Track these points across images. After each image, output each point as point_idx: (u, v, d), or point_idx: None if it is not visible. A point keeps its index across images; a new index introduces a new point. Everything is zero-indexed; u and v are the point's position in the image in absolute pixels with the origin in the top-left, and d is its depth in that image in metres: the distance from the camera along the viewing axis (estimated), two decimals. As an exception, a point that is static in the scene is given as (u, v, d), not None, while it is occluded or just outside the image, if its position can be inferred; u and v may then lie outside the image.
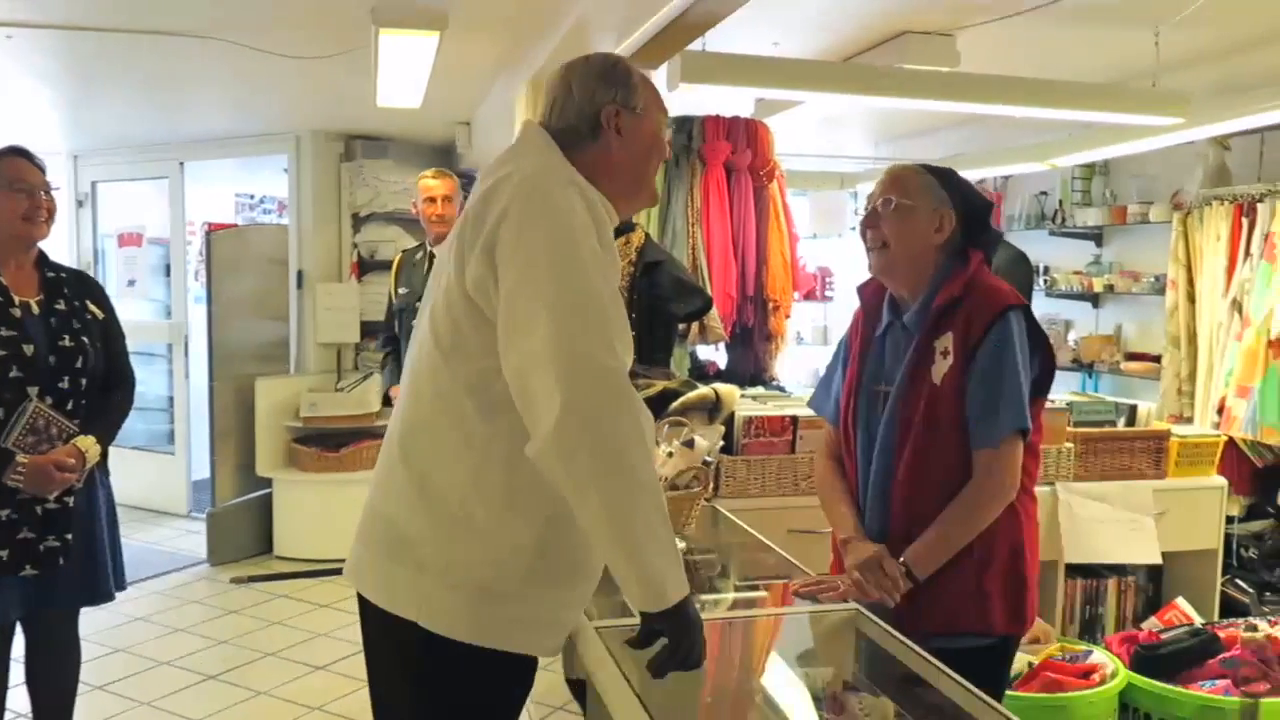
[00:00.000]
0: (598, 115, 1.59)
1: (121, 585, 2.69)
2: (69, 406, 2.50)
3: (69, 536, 2.48)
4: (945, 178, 2.04)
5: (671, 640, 1.40)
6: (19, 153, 2.53)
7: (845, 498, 2.13)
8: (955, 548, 1.93)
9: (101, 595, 2.61)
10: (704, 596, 2.07)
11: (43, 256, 2.59)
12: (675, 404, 2.61)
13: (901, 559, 1.94)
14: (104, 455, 2.60)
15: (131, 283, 6.65)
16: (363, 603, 1.61)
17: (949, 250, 2.02)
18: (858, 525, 2.07)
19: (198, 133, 6.00)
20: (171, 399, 6.49)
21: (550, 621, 1.55)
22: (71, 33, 3.76)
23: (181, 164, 6.29)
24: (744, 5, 2.52)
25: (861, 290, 2.20)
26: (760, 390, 3.65)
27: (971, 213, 2.04)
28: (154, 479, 6.30)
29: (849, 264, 7.16)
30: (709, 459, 2.33)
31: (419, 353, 1.58)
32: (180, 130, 5.94)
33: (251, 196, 7.79)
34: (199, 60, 4.12)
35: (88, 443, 2.49)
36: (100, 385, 2.60)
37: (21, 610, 2.50)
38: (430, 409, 1.53)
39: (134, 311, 6.36)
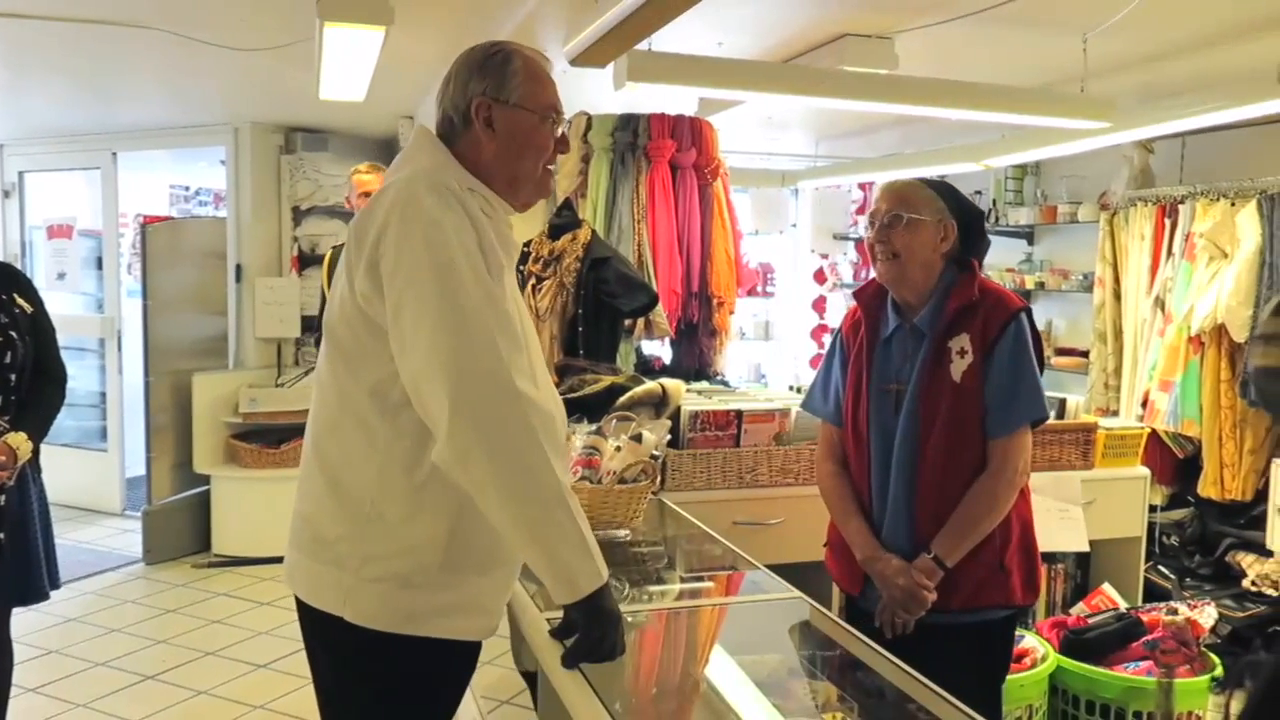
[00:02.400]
0: (469, 107, 1.58)
1: (55, 584, 2.64)
2: None
3: (1, 535, 2.44)
4: (943, 189, 2.16)
5: (582, 630, 1.46)
6: None
7: (857, 510, 2.22)
8: (981, 535, 2.07)
9: (35, 594, 2.57)
10: (651, 587, 2.11)
11: None
12: (623, 399, 2.65)
13: (931, 552, 2.07)
14: (36, 452, 2.55)
15: (61, 275, 6.47)
16: (299, 603, 1.64)
17: (950, 257, 2.14)
18: (876, 542, 2.16)
19: (132, 123, 5.86)
20: (104, 395, 6.34)
21: (473, 606, 1.57)
22: (3, 20, 3.65)
23: (114, 154, 6.13)
24: (692, 7, 2.56)
25: (860, 294, 2.29)
26: (705, 385, 3.71)
27: (968, 221, 2.17)
28: (86, 476, 6.15)
29: (790, 260, 7.27)
30: (656, 453, 2.37)
31: (323, 358, 1.61)
32: (113, 120, 5.79)
33: (186, 188, 7.62)
34: (135, 49, 4.04)
35: (18, 439, 2.45)
36: (30, 381, 2.54)
37: None
38: (336, 413, 1.56)
39: (64, 305, 6.20)
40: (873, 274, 2.22)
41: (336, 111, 5.09)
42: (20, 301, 2.56)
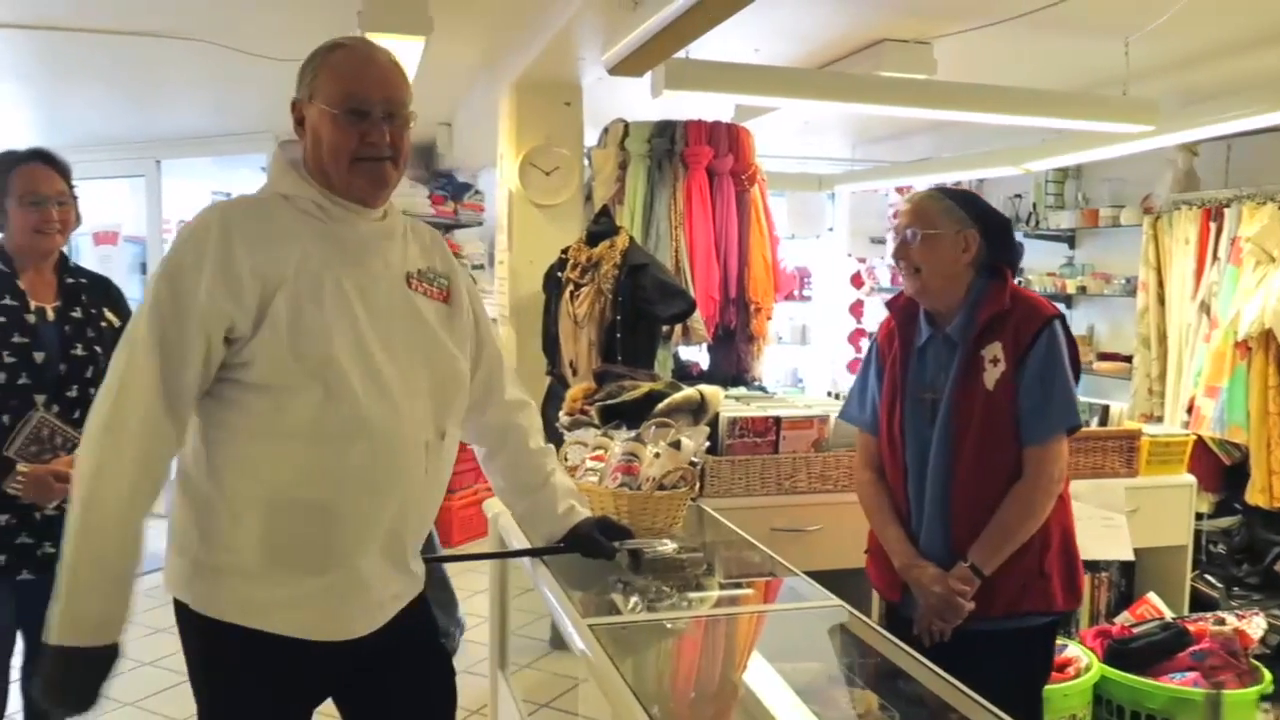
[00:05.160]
0: (293, 110, 1.64)
1: None
2: (76, 415, 2.43)
3: (51, 549, 2.42)
4: (962, 199, 2.15)
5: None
6: (37, 158, 2.46)
7: (895, 518, 2.22)
8: (1018, 543, 2.07)
9: None
10: (690, 594, 2.11)
11: (64, 262, 2.53)
12: (661, 405, 2.65)
13: (969, 561, 2.07)
14: None
15: (108, 282, 6.61)
16: None
17: (978, 266, 2.14)
18: (913, 550, 2.17)
19: (175, 131, 5.97)
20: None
21: (305, 603, 1.55)
22: (51, 33, 3.75)
23: (158, 162, 6.26)
24: (730, 17, 2.57)
25: (892, 304, 2.30)
26: (742, 391, 3.70)
27: (993, 230, 2.15)
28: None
29: (827, 265, 7.24)
30: (695, 459, 2.37)
31: None
32: (157, 128, 5.91)
33: (228, 195, 7.75)
34: (179, 60, 4.12)
35: None
36: None
37: (17, 614, 2.48)
38: None
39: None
40: None
41: (376, 119, 5.14)
42: (109, 316, 2.55)
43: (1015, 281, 2.19)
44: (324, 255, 1.55)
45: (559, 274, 3.68)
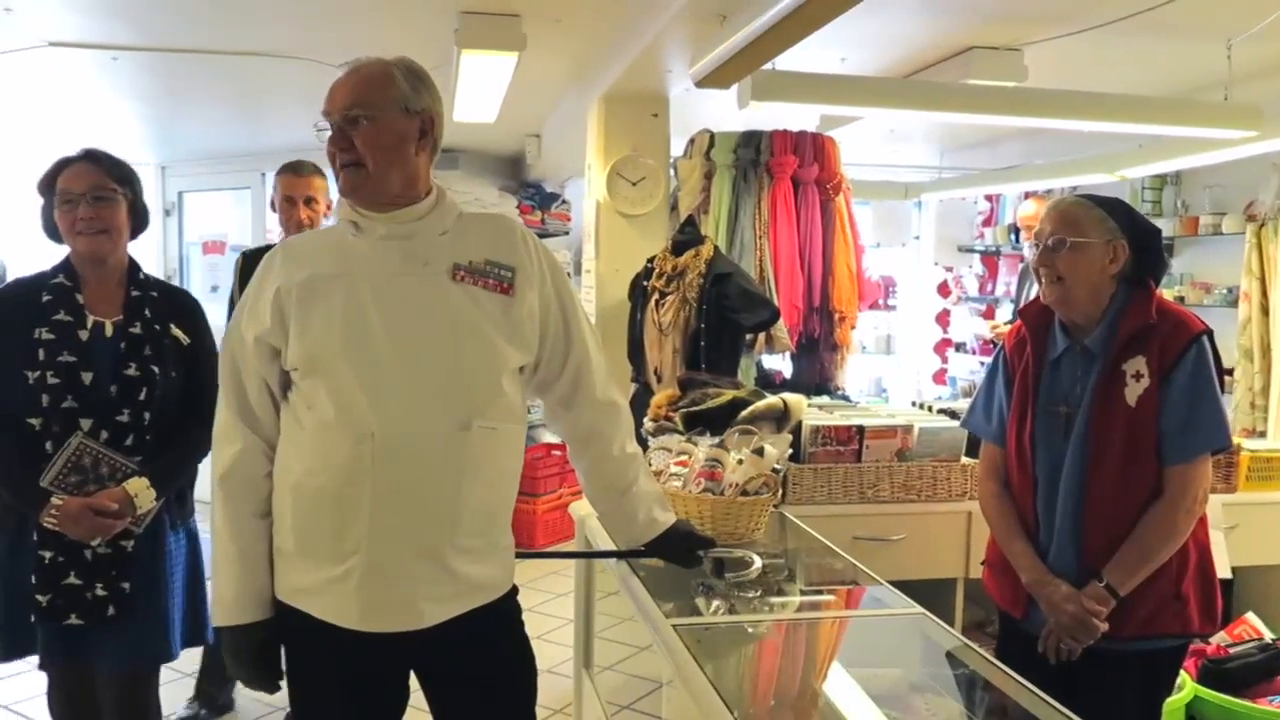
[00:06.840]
0: None
1: (201, 640, 2.39)
2: (129, 442, 2.17)
3: (124, 585, 2.17)
4: (1113, 208, 2.07)
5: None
6: (79, 159, 2.23)
7: (1022, 533, 2.15)
8: (1157, 565, 2.00)
9: (153, 658, 2.29)
10: (772, 599, 2.14)
11: (133, 272, 2.28)
12: (745, 413, 2.68)
13: (1104, 580, 2.00)
14: (181, 498, 2.32)
15: (215, 289, 6.92)
16: None
17: (1122, 277, 2.06)
18: (1043, 566, 2.10)
19: (279, 145, 6.21)
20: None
21: (325, 590, 1.64)
22: (169, 54, 3.97)
23: (263, 175, 6.53)
24: (817, 30, 2.59)
25: (1024, 312, 2.23)
26: (825, 400, 3.70)
27: (1141, 240, 2.07)
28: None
29: (913, 274, 7.16)
30: (777, 466, 2.40)
31: None
32: (262, 142, 6.17)
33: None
34: (284, 78, 4.31)
35: (138, 485, 2.15)
36: (175, 418, 2.25)
37: (62, 662, 2.23)
38: None
39: (215, 316, 6.60)
40: (1003, 284, 2.19)
41: (468, 131, 5.30)
42: (176, 331, 2.29)
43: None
44: (339, 265, 1.68)
45: (644, 283, 3.75)
